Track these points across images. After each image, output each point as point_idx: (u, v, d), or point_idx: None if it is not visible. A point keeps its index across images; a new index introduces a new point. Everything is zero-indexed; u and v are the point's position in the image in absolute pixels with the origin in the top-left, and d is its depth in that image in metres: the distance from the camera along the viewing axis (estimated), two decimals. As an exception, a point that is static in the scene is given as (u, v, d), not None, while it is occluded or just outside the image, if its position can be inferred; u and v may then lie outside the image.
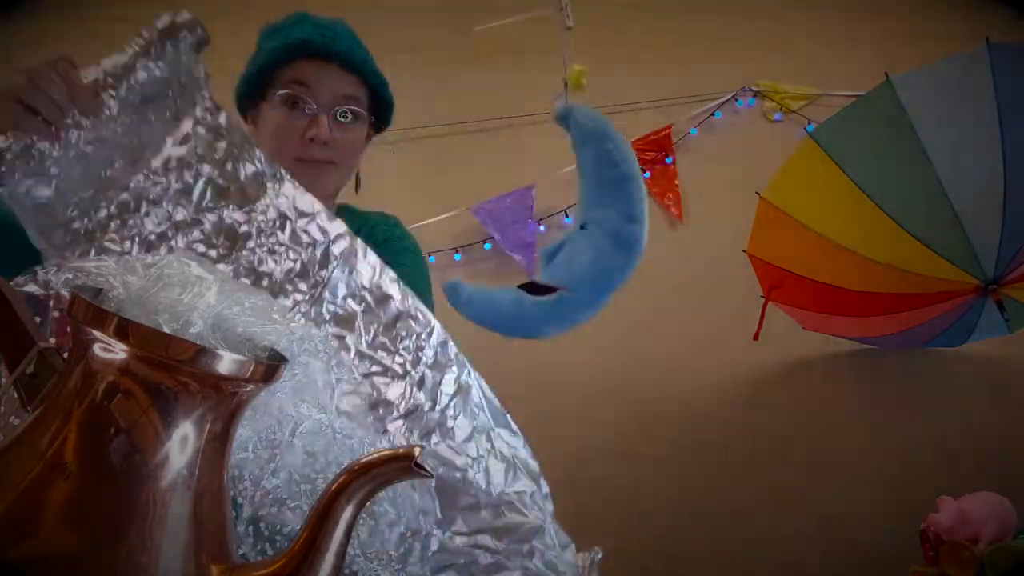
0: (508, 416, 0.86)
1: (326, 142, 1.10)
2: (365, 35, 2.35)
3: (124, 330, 0.53)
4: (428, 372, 0.83)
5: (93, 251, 0.80)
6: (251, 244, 0.84)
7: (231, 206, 0.85)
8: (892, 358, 2.36)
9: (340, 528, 0.54)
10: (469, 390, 0.84)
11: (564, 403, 2.19)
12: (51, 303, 0.73)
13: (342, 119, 1.12)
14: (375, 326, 0.83)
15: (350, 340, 0.82)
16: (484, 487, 0.82)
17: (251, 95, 1.16)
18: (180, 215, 0.84)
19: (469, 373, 0.84)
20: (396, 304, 0.84)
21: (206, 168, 0.85)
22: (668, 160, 2.39)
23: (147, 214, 0.83)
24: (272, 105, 1.12)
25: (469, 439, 0.83)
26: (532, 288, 0.99)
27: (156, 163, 0.85)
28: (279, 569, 0.55)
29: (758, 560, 2.20)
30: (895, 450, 2.25)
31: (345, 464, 0.56)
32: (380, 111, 1.21)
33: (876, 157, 1.94)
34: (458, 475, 0.81)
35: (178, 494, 0.54)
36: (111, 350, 0.54)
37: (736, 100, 2.43)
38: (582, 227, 1.04)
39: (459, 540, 0.80)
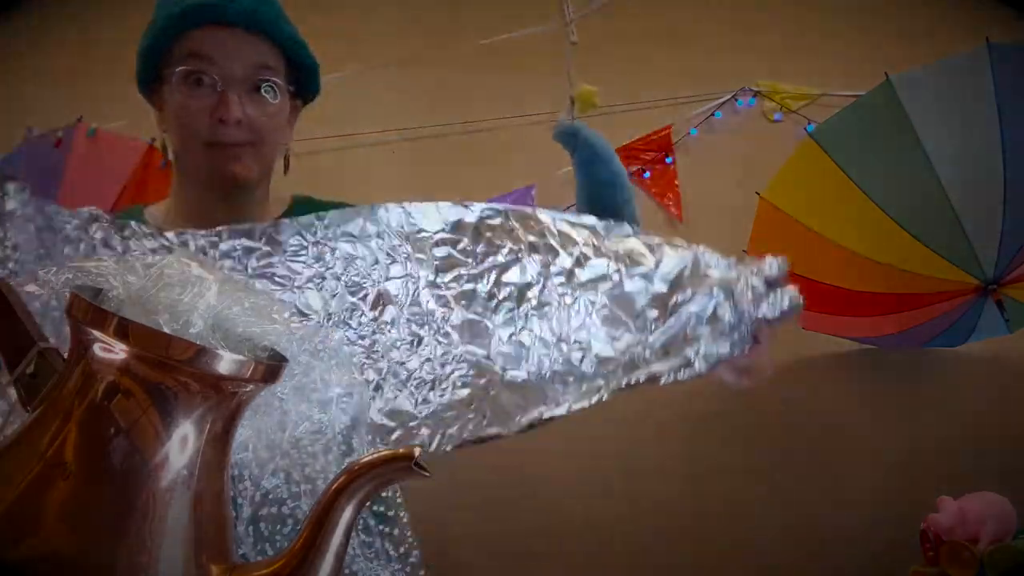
0: None
1: (239, 121, 0.95)
2: (365, 34, 2.35)
3: (124, 330, 0.53)
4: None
5: None
6: None
7: None
8: (892, 358, 2.35)
9: (340, 528, 0.54)
10: None
11: (564, 403, 2.19)
12: (51, 303, 0.73)
13: (264, 93, 0.97)
14: None
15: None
16: None
17: (150, 76, 1.00)
18: None
19: None
20: None
21: None
22: (668, 160, 2.39)
23: None
24: (172, 85, 0.96)
25: None
26: None
27: None
28: (279, 569, 0.55)
29: (757, 559, 2.19)
30: (895, 450, 2.25)
31: (345, 464, 0.56)
32: (302, 79, 1.05)
33: (876, 157, 1.94)
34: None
35: (178, 494, 0.54)
36: (111, 350, 0.54)
37: (736, 100, 2.43)
38: None
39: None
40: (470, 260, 0.91)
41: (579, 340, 0.90)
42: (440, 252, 0.92)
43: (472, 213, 0.94)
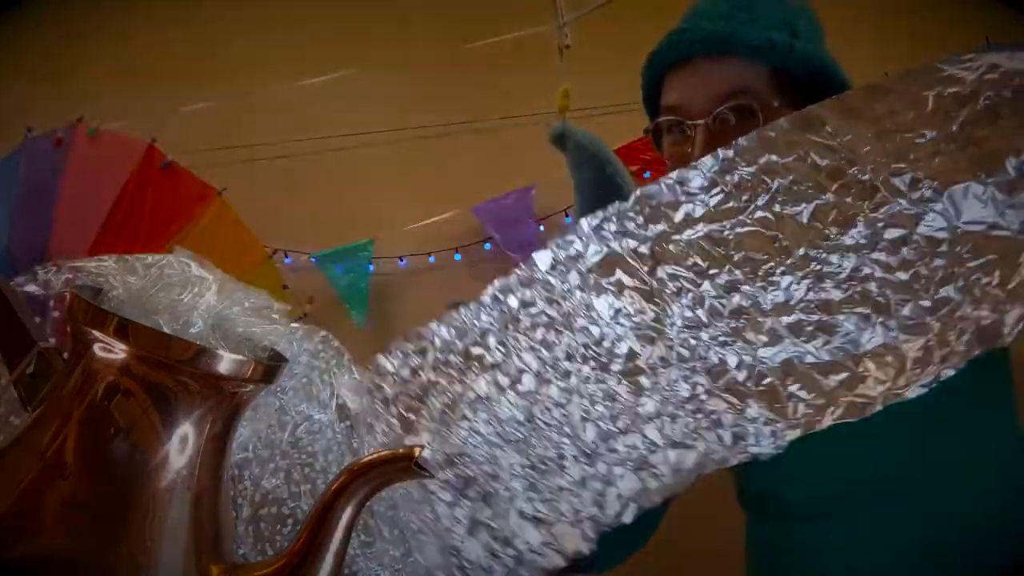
0: None
1: None
2: (365, 35, 2.34)
3: (124, 330, 0.53)
4: None
5: None
6: None
7: None
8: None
9: (340, 528, 0.54)
10: None
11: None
12: (51, 303, 0.73)
13: (740, 119, 0.80)
14: None
15: None
16: None
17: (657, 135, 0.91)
18: None
19: None
20: None
21: None
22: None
23: None
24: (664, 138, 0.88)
25: None
26: None
27: None
28: (279, 569, 0.55)
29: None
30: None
31: (345, 464, 0.56)
32: (802, 77, 0.83)
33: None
34: None
35: (178, 494, 0.54)
36: (111, 350, 0.54)
37: (736, 100, 2.43)
38: None
39: None
40: None
41: None
42: None
43: None
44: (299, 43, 2.22)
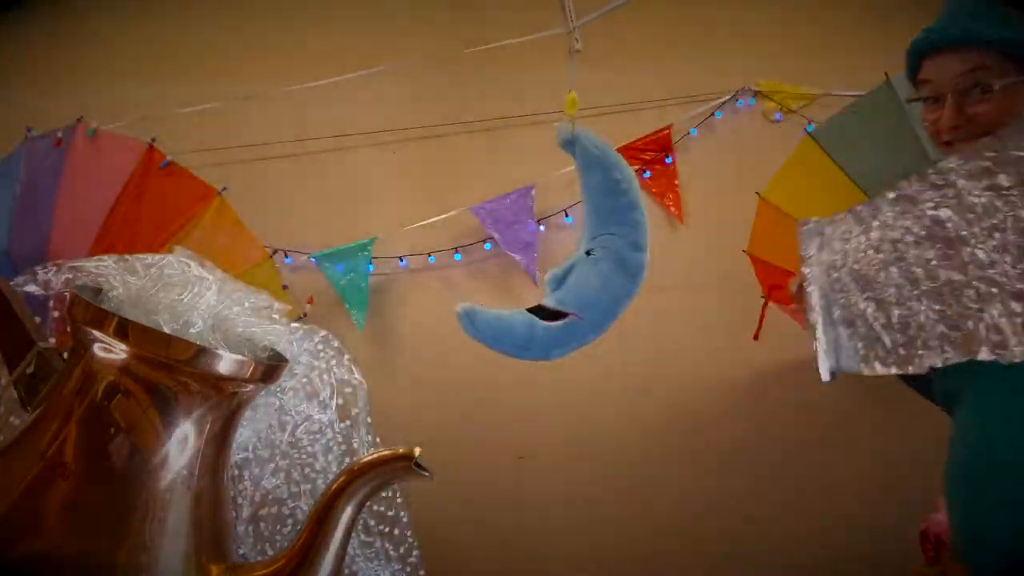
0: None
1: (955, 127, 1.15)
2: (367, 35, 2.34)
3: (124, 330, 0.53)
4: None
5: None
6: None
7: None
8: (892, 358, 2.35)
9: (340, 528, 0.54)
10: None
11: (561, 404, 2.19)
12: (51, 303, 0.73)
13: (978, 91, 1.14)
14: None
15: None
16: None
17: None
18: None
19: None
20: None
21: None
22: (668, 160, 2.39)
23: None
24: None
25: None
26: (543, 313, 1.00)
27: None
28: (279, 569, 0.55)
29: (758, 560, 2.20)
30: (894, 450, 2.25)
31: (345, 464, 0.57)
32: None
33: (876, 157, 1.93)
34: None
35: (178, 494, 0.54)
36: (111, 350, 0.54)
37: (736, 100, 2.42)
38: (587, 253, 1.06)
39: None
40: None
41: None
42: None
43: None
44: (299, 43, 2.22)
